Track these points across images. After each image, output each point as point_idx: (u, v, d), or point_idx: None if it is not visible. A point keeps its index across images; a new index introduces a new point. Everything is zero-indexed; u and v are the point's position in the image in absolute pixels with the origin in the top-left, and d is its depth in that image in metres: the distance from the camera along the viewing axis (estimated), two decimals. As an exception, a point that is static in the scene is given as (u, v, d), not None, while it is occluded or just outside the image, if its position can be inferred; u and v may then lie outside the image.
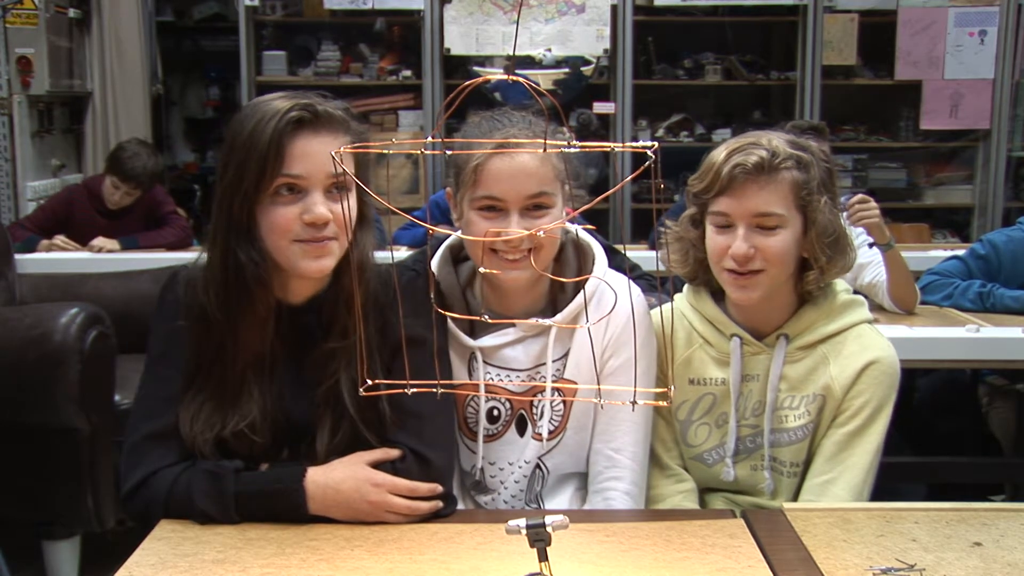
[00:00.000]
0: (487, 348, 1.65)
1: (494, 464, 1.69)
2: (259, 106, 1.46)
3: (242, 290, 1.46)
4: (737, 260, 1.61)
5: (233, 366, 1.48)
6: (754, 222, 1.60)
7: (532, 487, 1.68)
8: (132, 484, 1.47)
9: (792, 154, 1.61)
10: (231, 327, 1.47)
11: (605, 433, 1.66)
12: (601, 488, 1.65)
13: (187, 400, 1.49)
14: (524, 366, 1.65)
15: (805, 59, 5.18)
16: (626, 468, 1.65)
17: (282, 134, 1.41)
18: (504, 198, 1.54)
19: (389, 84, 5.31)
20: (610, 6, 5.07)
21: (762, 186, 1.59)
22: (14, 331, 2.34)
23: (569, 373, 1.64)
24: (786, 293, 1.68)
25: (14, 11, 4.63)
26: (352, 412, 1.48)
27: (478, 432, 1.67)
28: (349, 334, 1.48)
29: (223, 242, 1.46)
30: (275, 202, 1.44)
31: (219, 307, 1.47)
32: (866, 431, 1.64)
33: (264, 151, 1.41)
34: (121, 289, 3.26)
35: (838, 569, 1.29)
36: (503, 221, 1.55)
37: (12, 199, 4.68)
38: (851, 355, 1.66)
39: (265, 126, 1.42)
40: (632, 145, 0.92)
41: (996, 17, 5.20)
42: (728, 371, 1.70)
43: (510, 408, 1.67)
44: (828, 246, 1.63)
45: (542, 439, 1.65)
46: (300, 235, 1.44)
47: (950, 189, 5.56)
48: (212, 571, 1.29)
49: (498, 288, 1.66)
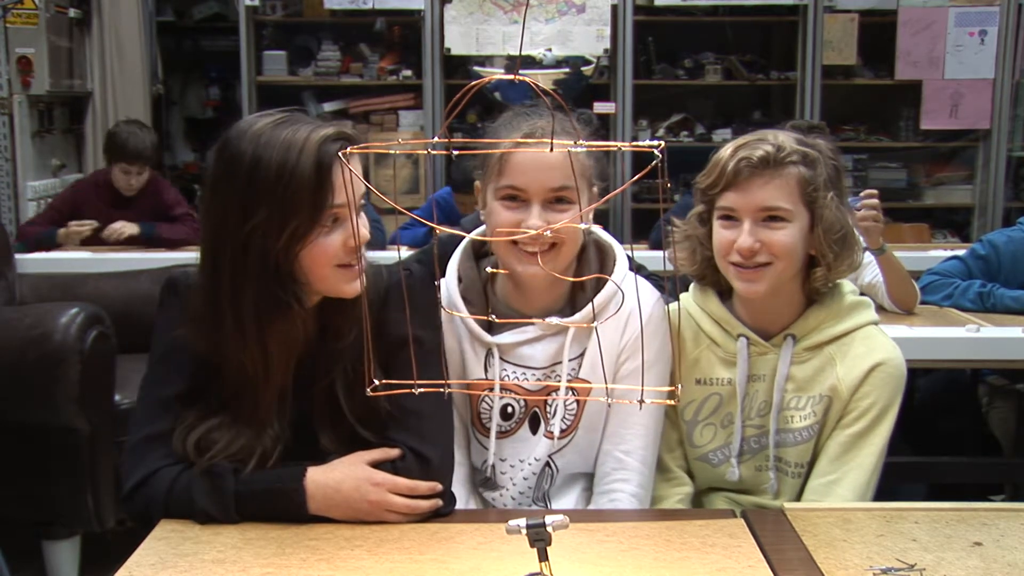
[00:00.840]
0: (504, 345, 1.66)
1: (504, 461, 1.69)
2: (281, 138, 1.37)
3: (282, 328, 1.42)
4: (742, 254, 1.61)
5: (265, 395, 1.46)
6: (760, 216, 1.60)
7: (540, 485, 1.68)
8: (132, 484, 1.47)
9: (798, 150, 1.61)
10: (265, 366, 1.44)
11: (616, 435, 1.66)
12: (608, 489, 1.66)
13: (191, 421, 1.47)
14: (540, 364, 1.65)
15: (805, 59, 5.18)
16: (634, 471, 1.65)
17: (329, 164, 1.35)
18: (527, 189, 1.55)
19: (389, 84, 5.31)
20: (610, 6, 5.08)
21: (768, 180, 1.60)
22: (14, 331, 2.34)
23: (584, 373, 1.64)
24: (793, 292, 1.68)
25: (14, 11, 4.63)
26: (347, 413, 1.48)
27: (491, 428, 1.67)
28: (343, 335, 1.48)
29: (252, 291, 1.39)
30: (318, 233, 1.39)
31: (257, 355, 1.42)
32: (871, 433, 1.64)
33: (312, 185, 1.35)
34: (121, 289, 3.26)
35: (838, 569, 1.29)
36: (524, 212, 1.56)
37: (12, 199, 4.67)
38: (858, 356, 1.66)
39: (304, 158, 1.35)
40: (638, 144, 0.92)
41: (996, 17, 5.20)
42: (734, 371, 1.70)
43: (524, 405, 1.67)
44: (835, 243, 1.62)
45: (553, 437, 1.65)
46: (343, 260, 1.41)
47: (950, 189, 5.56)
48: (212, 571, 1.29)
49: (520, 285, 1.66)
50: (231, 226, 1.38)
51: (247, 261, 1.39)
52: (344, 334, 1.48)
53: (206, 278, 1.44)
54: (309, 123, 1.41)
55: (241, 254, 1.39)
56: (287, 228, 1.37)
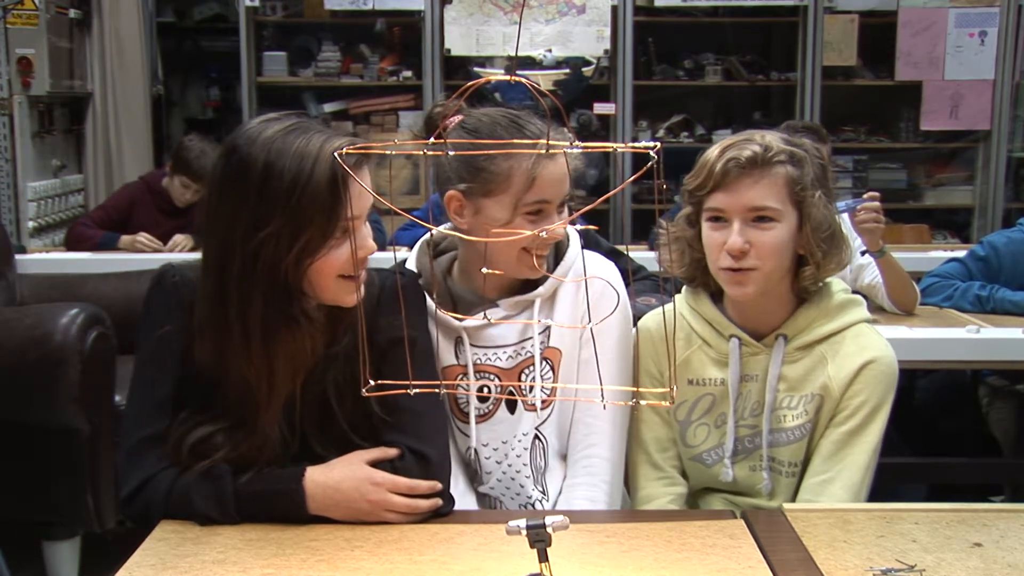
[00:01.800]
0: (472, 329, 1.68)
1: (487, 445, 1.70)
2: (295, 146, 1.35)
3: (283, 349, 1.40)
4: (732, 254, 1.61)
5: (262, 414, 1.44)
6: (749, 216, 1.61)
7: (535, 459, 1.70)
8: (131, 488, 1.46)
9: (785, 149, 1.61)
10: (270, 382, 1.42)
11: (584, 404, 1.70)
12: (581, 456, 1.70)
13: (188, 423, 1.46)
14: (511, 342, 1.69)
15: (805, 60, 5.18)
16: (604, 433, 1.69)
17: (343, 176, 1.33)
18: (553, 200, 1.61)
19: (389, 85, 5.31)
20: (610, 7, 5.07)
21: (756, 180, 1.60)
22: (14, 331, 2.34)
23: (554, 342, 1.69)
24: (783, 292, 1.68)
25: (14, 11, 4.63)
26: (340, 418, 1.48)
27: (469, 413, 1.69)
28: (337, 340, 1.48)
29: (263, 301, 1.37)
30: (330, 245, 1.38)
31: (261, 368, 1.40)
32: (864, 430, 1.64)
33: (326, 197, 1.33)
34: (121, 289, 3.26)
35: (838, 570, 1.29)
36: (547, 222, 1.60)
37: (12, 199, 4.67)
38: (849, 355, 1.66)
39: (318, 168, 1.33)
40: (634, 145, 0.92)
41: (996, 18, 5.20)
42: (727, 372, 1.70)
43: (500, 385, 1.69)
44: (824, 241, 1.63)
45: (536, 409, 1.69)
46: (348, 271, 1.40)
47: (950, 190, 5.56)
48: (212, 571, 1.29)
49: (477, 275, 1.69)
50: (240, 235, 1.36)
51: (256, 272, 1.37)
52: (338, 339, 1.49)
53: (212, 287, 1.41)
54: (321, 131, 1.38)
55: (251, 264, 1.37)
56: (299, 240, 1.35)
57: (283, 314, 1.39)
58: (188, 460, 1.45)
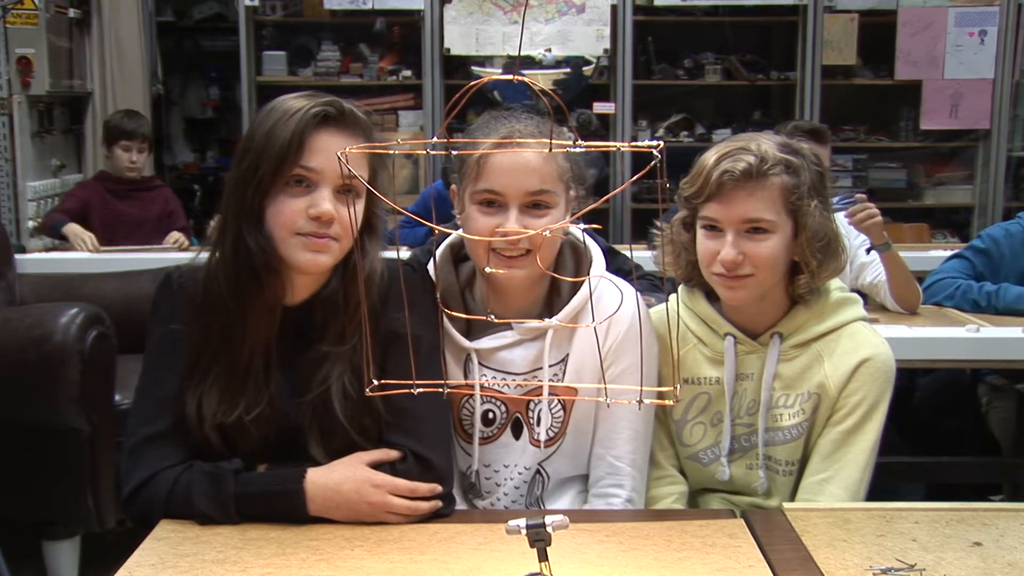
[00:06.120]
0: (483, 350, 1.64)
1: (489, 467, 1.68)
2: (285, 101, 1.48)
3: (252, 276, 1.46)
4: (726, 266, 1.61)
5: (241, 353, 1.49)
6: (743, 228, 1.60)
7: (532, 491, 1.68)
8: (132, 487, 1.47)
9: (781, 159, 1.60)
10: (241, 313, 1.48)
11: (606, 439, 1.65)
12: (603, 493, 1.66)
13: (192, 387, 1.49)
14: (521, 369, 1.64)
15: (805, 59, 5.18)
16: (627, 476, 1.65)
17: (306, 127, 1.43)
18: (504, 192, 1.54)
19: (389, 84, 5.31)
20: (610, 6, 5.07)
21: (751, 192, 1.59)
22: (14, 331, 2.34)
23: (569, 379, 1.62)
24: (778, 294, 1.68)
25: (14, 11, 4.62)
26: (342, 420, 1.48)
27: (473, 435, 1.67)
28: (345, 339, 1.49)
29: (234, 229, 1.47)
30: (285, 192, 1.45)
31: (230, 293, 1.47)
32: (861, 429, 1.64)
33: (286, 141, 1.42)
34: (121, 289, 3.25)
35: (838, 569, 1.29)
36: (502, 216, 1.54)
37: (12, 199, 4.67)
38: (845, 353, 1.66)
39: (289, 119, 1.44)
40: (636, 145, 0.92)
41: (996, 17, 5.20)
42: (722, 370, 1.70)
43: (505, 411, 1.66)
44: (819, 250, 1.62)
45: (540, 445, 1.65)
46: (303, 228, 1.45)
47: (950, 189, 5.56)
48: (212, 571, 1.29)
49: (498, 289, 1.65)
50: (234, 171, 1.49)
51: (231, 204, 1.47)
52: (343, 338, 1.48)
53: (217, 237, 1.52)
54: (318, 97, 1.48)
55: (231, 198, 1.48)
56: (256, 176, 1.44)
57: (252, 244, 1.45)
58: (194, 422, 1.47)
